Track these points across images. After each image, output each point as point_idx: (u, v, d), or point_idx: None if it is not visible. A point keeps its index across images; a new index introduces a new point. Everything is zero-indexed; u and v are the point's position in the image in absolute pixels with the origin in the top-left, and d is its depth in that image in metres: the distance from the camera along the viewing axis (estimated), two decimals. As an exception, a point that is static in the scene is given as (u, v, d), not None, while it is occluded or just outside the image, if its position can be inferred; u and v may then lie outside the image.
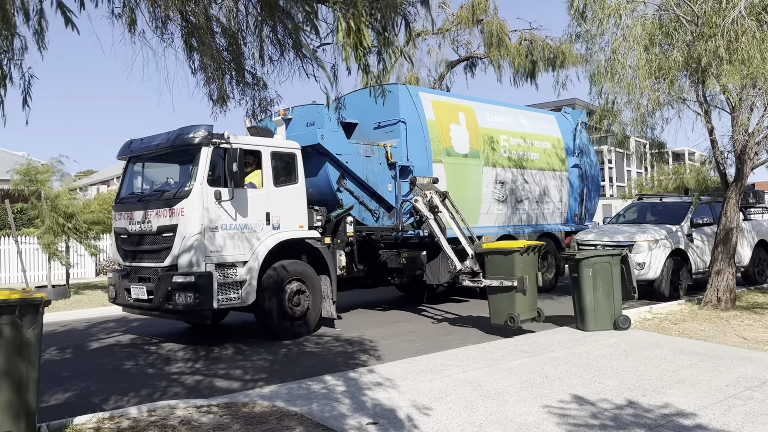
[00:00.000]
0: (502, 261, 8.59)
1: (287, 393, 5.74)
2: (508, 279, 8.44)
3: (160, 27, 5.24)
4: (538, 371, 6.41)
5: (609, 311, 8.60)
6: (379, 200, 10.82)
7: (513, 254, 8.47)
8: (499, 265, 8.62)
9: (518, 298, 8.42)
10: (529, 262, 8.62)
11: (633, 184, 30.68)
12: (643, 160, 24.35)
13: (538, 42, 19.24)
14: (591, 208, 15.12)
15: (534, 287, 8.66)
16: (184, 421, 4.96)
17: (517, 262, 8.44)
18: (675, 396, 5.49)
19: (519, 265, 8.44)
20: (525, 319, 8.56)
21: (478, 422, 4.87)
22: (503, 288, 8.51)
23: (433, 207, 10.10)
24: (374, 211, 10.75)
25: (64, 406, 5.86)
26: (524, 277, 8.39)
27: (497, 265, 8.66)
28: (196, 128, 8.37)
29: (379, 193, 10.73)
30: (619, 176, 75.69)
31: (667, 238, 11.89)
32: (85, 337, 9.66)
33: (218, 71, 5.59)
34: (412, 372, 6.46)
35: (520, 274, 8.40)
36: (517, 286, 8.37)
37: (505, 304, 8.50)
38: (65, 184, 14.35)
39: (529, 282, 8.44)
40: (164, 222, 8.31)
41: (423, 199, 10.15)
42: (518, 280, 8.36)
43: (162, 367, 7.50)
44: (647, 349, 7.39)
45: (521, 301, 8.45)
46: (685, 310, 10.21)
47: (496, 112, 13.16)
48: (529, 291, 8.49)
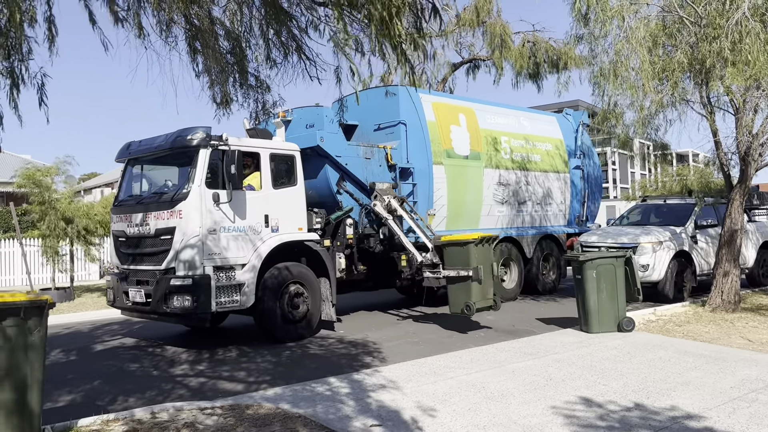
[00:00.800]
0: (458, 252, 9.17)
1: (291, 395, 5.74)
2: (464, 269, 8.96)
3: (165, 30, 5.26)
4: (542, 373, 6.40)
5: (613, 313, 8.59)
6: None
7: (468, 246, 9.05)
8: (456, 256, 9.20)
9: (474, 288, 8.95)
10: (484, 253, 9.20)
11: (637, 186, 30.63)
12: (646, 161, 24.31)
13: (541, 44, 19.23)
14: (593, 209, 15.09)
15: (489, 277, 9.19)
16: (188, 423, 4.97)
17: (472, 253, 9.00)
18: (679, 398, 5.48)
19: (474, 255, 8.99)
20: (481, 307, 9.13)
21: (482, 424, 4.86)
22: (460, 278, 9.02)
23: (392, 210, 10.26)
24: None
25: (68, 408, 5.87)
26: (479, 267, 8.87)
27: (454, 256, 9.24)
28: (194, 130, 8.35)
29: None
30: (623, 178, 75.56)
31: (671, 240, 11.87)
32: (90, 339, 9.68)
33: (222, 74, 5.61)
34: (416, 374, 6.46)
35: (474, 264, 8.92)
36: (473, 275, 8.87)
37: (461, 294, 9.05)
38: (69, 187, 14.39)
39: (483, 272, 8.92)
40: (162, 224, 8.28)
41: (381, 203, 10.29)
42: (473, 270, 8.85)
43: (166, 369, 7.51)
44: (651, 351, 7.37)
45: (477, 290, 8.99)
46: (690, 312, 10.18)
47: (496, 114, 13.15)
48: (484, 281, 9.02)
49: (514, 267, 12.78)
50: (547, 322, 9.83)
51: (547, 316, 10.52)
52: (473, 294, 8.95)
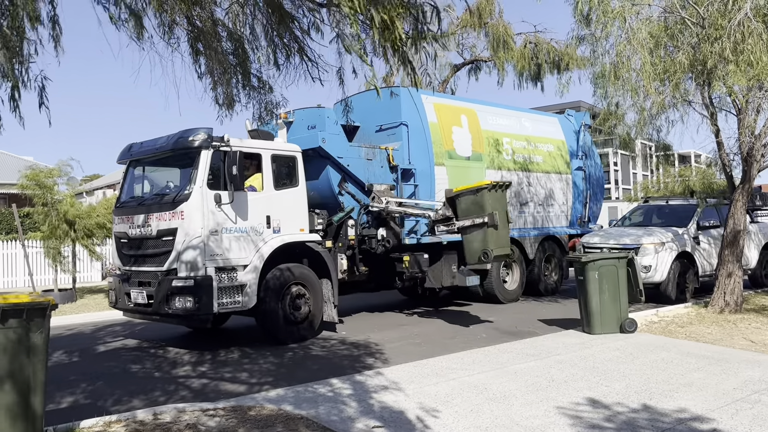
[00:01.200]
0: (472, 200, 8.94)
1: (294, 396, 5.74)
2: (480, 216, 8.77)
3: (167, 32, 5.27)
4: (544, 374, 6.39)
5: (615, 314, 8.58)
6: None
7: (482, 191, 8.82)
8: (470, 204, 8.96)
9: (490, 234, 8.69)
10: (498, 198, 8.91)
11: (639, 187, 30.61)
12: (648, 162, 24.29)
13: (542, 45, 19.24)
14: (595, 210, 15.07)
15: (505, 225, 8.93)
16: (190, 425, 4.97)
17: (486, 199, 8.76)
18: (682, 399, 5.47)
19: (488, 201, 8.75)
20: (499, 254, 8.85)
21: (484, 426, 4.86)
22: (475, 225, 8.82)
23: (390, 212, 10.28)
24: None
25: (71, 410, 5.88)
26: (494, 212, 8.66)
27: (468, 204, 9.00)
28: (195, 131, 8.35)
29: None
30: (625, 179, 75.56)
31: (674, 241, 11.85)
32: (92, 340, 9.69)
33: (224, 75, 5.62)
34: (418, 375, 6.45)
35: (490, 210, 8.70)
36: (488, 221, 8.65)
37: (478, 242, 8.83)
38: (71, 189, 14.40)
39: (499, 217, 8.70)
40: (164, 226, 8.29)
41: (379, 205, 10.28)
42: (489, 216, 8.66)
43: (168, 370, 7.51)
44: (654, 353, 7.36)
45: (493, 237, 8.72)
46: (692, 313, 10.17)
47: (498, 115, 13.14)
48: (501, 227, 8.76)
49: (516, 268, 12.76)
50: (549, 323, 9.83)
51: (549, 317, 10.51)
52: (490, 241, 8.71)
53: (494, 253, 8.69)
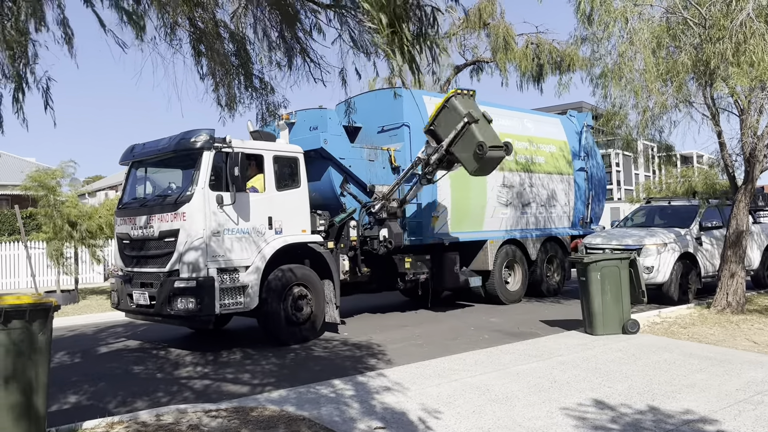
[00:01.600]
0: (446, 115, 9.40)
1: (296, 397, 5.74)
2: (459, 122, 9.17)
3: (169, 33, 5.27)
4: (546, 376, 6.39)
5: (618, 315, 8.57)
6: None
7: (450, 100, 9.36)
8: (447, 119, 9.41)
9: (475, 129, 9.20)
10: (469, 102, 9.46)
11: (641, 188, 30.58)
12: (650, 163, 24.25)
13: (544, 45, 19.23)
14: (597, 211, 15.05)
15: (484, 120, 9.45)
16: (192, 426, 4.98)
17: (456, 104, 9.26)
18: (685, 401, 5.46)
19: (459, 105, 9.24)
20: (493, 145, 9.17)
21: (486, 427, 4.85)
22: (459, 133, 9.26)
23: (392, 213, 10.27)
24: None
25: (73, 410, 5.88)
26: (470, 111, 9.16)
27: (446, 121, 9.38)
28: (198, 132, 8.35)
29: None
30: (627, 179, 75.51)
31: (676, 242, 11.84)
32: (94, 341, 9.70)
33: (226, 76, 5.62)
34: (421, 376, 6.45)
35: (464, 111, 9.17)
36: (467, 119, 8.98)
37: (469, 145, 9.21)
38: (74, 190, 14.43)
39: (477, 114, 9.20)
40: (166, 227, 8.30)
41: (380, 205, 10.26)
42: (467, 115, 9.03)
43: (171, 371, 7.52)
44: (656, 354, 7.35)
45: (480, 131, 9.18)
46: (695, 313, 10.15)
47: (500, 116, 13.05)
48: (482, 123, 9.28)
49: (518, 269, 12.75)
50: (552, 324, 9.82)
51: (552, 318, 10.50)
52: (477, 135, 9.01)
53: (488, 143, 8.90)
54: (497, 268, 12.10)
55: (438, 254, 11.25)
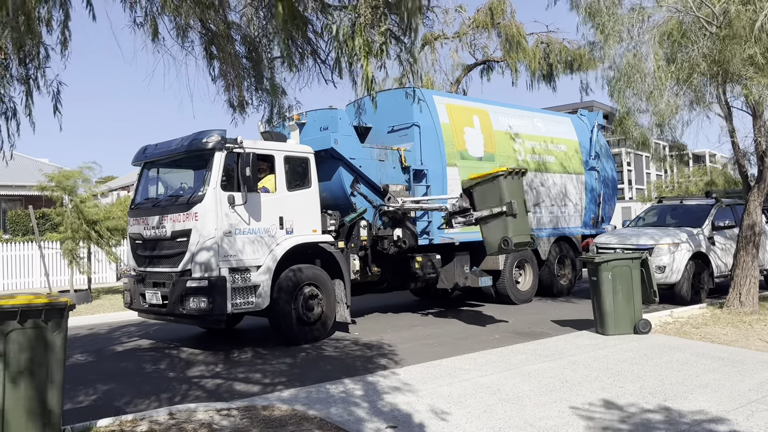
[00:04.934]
0: (489, 189, 8.79)
1: (306, 396, 5.77)
2: (497, 206, 8.65)
3: (181, 35, 5.32)
4: (557, 375, 6.38)
5: (629, 315, 8.53)
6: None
7: (497, 179, 8.67)
8: (487, 193, 8.81)
9: (509, 222, 8.57)
10: (515, 185, 8.80)
11: (652, 187, 30.38)
12: (663, 162, 24.09)
13: (555, 45, 19.16)
14: (608, 211, 14.97)
15: (524, 212, 8.82)
16: (204, 424, 5.02)
17: (503, 186, 8.63)
18: (697, 401, 5.43)
19: (505, 189, 8.63)
20: (519, 242, 8.66)
21: (497, 427, 4.86)
22: (494, 215, 8.70)
23: (406, 213, 10.28)
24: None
25: (88, 409, 5.95)
26: (512, 201, 8.57)
27: (485, 194, 8.85)
28: (209, 133, 8.41)
29: None
30: (638, 179, 75.05)
31: (688, 241, 11.76)
32: (108, 340, 9.79)
33: (237, 78, 5.66)
34: (431, 376, 6.46)
35: (507, 198, 8.58)
36: (506, 210, 8.54)
37: (497, 231, 8.68)
38: (89, 190, 14.57)
39: (517, 206, 8.59)
40: (178, 227, 8.36)
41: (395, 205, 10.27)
42: (507, 205, 8.55)
43: (183, 370, 7.58)
44: (668, 354, 7.31)
45: (513, 225, 8.59)
46: (707, 313, 10.09)
47: (510, 115, 13.09)
48: (519, 215, 8.65)
49: (529, 269, 12.72)
50: (563, 324, 9.79)
51: (563, 318, 10.47)
52: (510, 229, 8.55)
53: (514, 240, 8.56)
54: (508, 268, 12.07)
55: (448, 254, 11.26)
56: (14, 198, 24.68)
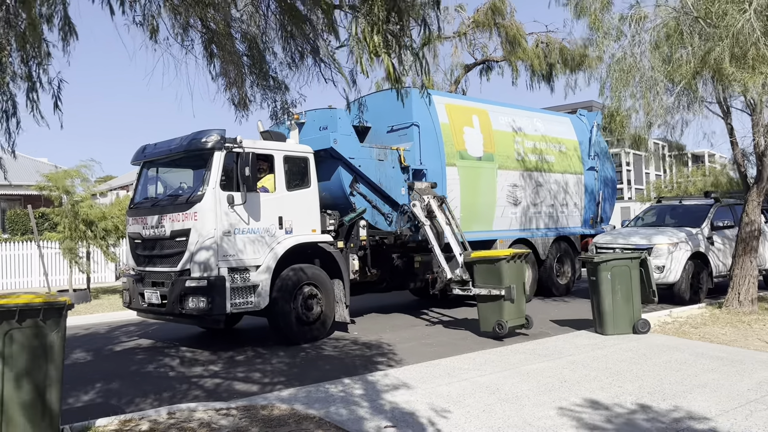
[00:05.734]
0: (490, 270, 8.85)
1: (306, 396, 5.77)
2: (496, 288, 8.67)
3: (181, 34, 5.32)
4: (556, 375, 6.38)
5: (628, 315, 8.54)
6: (392, 204, 10.78)
7: (500, 263, 8.71)
8: (487, 273, 8.87)
9: (506, 306, 8.62)
10: (516, 270, 8.84)
11: (651, 187, 30.39)
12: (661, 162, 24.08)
13: (554, 45, 19.18)
14: (607, 210, 14.99)
15: (521, 295, 8.90)
16: (203, 424, 5.02)
17: (504, 270, 8.66)
18: (696, 401, 5.44)
19: (506, 273, 8.66)
20: (513, 326, 8.73)
21: (496, 426, 4.86)
22: (491, 297, 8.73)
23: (431, 212, 10.17)
24: (387, 215, 10.72)
25: (86, 408, 5.95)
26: (511, 286, 8.60)
27: (485, 273, 8.92)
28: (208, 133, 8.39)
29: (392, 197, 10.68)
30: (638, 179, 75.08)
31: (687, 241, 11.77)
32: (107, 340, 9.78)
33: (238, 76, 5.66)
34: (430, 375, 6.46)
35: (507, 282, 8.61)
36: (505, 294, 8.57)
37: (493, 312, 8.73)
38: (87, 190, 14.54)
39: (516, 290, 8.64)
40: (177, 226, 8.35)
41: (421, 204, 10.22)
42: (506, 289, 8.57)
43: (182, 370, 7.57)
44: (667, 353, 7.32)
45: (509, 309, 8.64)
46: (706, 313, 10.10)
47: (510, 115, 13.09)
48: (517, 299, 8.68)
49: (528, 268, 12.66)
50: (562, 324, 9.80)
51: (562, 317, 10.48)
52: (505, 312, 8.62)
53: (509, 324, 8.62)
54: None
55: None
56: (13, 197, 24.65)
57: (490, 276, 8.82)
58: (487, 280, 8.86)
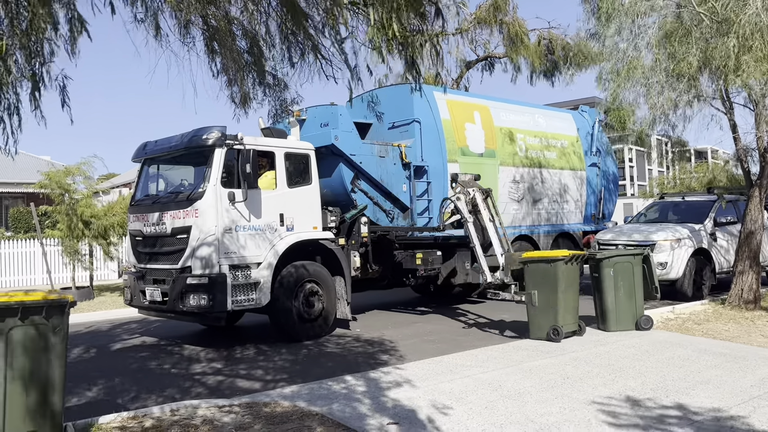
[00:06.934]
0: (544, 271, 8.06)
1: (308, 393, 5.78)
2: (552, 292, 7.98)
3: (182, 31, 5.31)
4: (558, 372, 6.38)
5: (631, 311, 8.53)
6: (393, 201, 10.76)
7: (556, 263, 7.97)
8: (541, 275, 8.09)
9: (561, 309, 7.96)
10: (573, 272, 8.24)
11: (654, 183, 30.29)
12: (664, 158, 24.02)
13: (557, 41, 19.12)
14: (609, 207, 14.94)
15: (576, 298, 8.33)
16: (206, 421, 5.02)
17: (560, 272, 7.98)
18: (699, 397, 5.43)
19: (562, 275, 8.00)
20: (568, 332, 8.12)
21: (498, 423, 4.86)
22: (541, 301, 8.07)
23: (475, 206, 9.80)
24: (389, 212, 10.70)
25: (89, 406, 5.96)
26: (568, 289, 8.05)
27: (539, 275, 8.13)
28: (209, 129, 8.37)
29: (394, 193, 10.66)
30: (640, 175, 74.93)
31: (690, 238, 11.75)
32: (109, 337, 9.80)
33: (239, 73, 5.66)
34: (433, 372, 6.46)
35: (564, 284, 7.99)
36: (560, 297, 7.94)
37: (547, 316, 8.01)
38: (89, 188, 14.55)
39: (572, 293, 8.14)
40: (178, 224, 8.34)
41: (465, 197, 9.88)
42: (562, 293, 7.97)
43: (185, 367, 7.58)
44: (670, 350, 7.31)
45: (564, 314, 8.01)
46: (709, 310, 10.08)
47: (511, 111, 13.08)
48: (573, 304, 8.18)
49: None
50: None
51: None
52: (560, 317, 7.92)
53: (565, 329, 7.99)
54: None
55: (449, 250, 11.24)
56: (16, 195, 24.69)
57: (544, 278, 8.04)
58: (541, 283, 8.08)
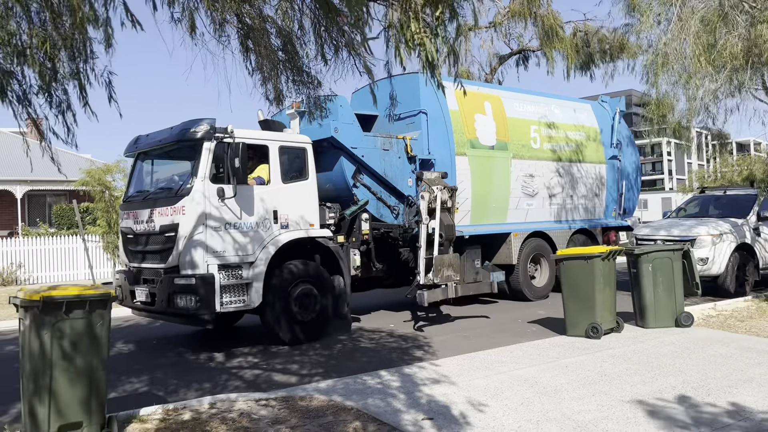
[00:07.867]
0: (581, 267, 7.85)
1: (343, 387, 5.81)
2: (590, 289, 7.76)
3: (218, 30, 5.38)
4: (596, 369, 6.29)
5: (670, 308, 8.36)
6: (398, 196, 10.19)
7: (593, 260, 7.73)
8: (577, 271, 7.90)
9: (598, 305, 7.76)
10: (609, 268, 8.02)
11: (694, 177, 29.58)
12: (704, 152, 23.44)
13: (592, 33, 18.85)
14: (631, 202, 14.21)
15: (614, 294, 8.16)
16: (243, 414, 5.10)
17: (597, 268, 7.75)
18: (742, 395, 5.30)
19: (599, 272, 7.77)
20: (606, 329, 7.91)
21: (534, 419, 4.82)
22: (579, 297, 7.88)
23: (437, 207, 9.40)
24: (393, 208, 10.14)
25: (131, 398, 6.11)
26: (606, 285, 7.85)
27: (575, 271, 7.93)
28: (198, 122, 7.96)
29: (398, 188, 10.09)
30: (679, 169, 73.36)
31: (732, 232, 11.45)
32: (149, 331, 10.01)
33: (273, 71, 5.70)
34: (467, 368, 6.44)
35: (602, 281, 7.79)
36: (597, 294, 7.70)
37: (584, 313, 7.82)
38: (127, 185, 14.89)
39: (609, 290, 7.96)
40: (166, 221, 7.93)
41: (429, 195, 9.44)
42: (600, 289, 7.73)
43: (222, 361, 7.70)
44: (711, 347, 7.14)
45: (602, 310, 7.82)
46: (752, 306, 9.82)
47: (525, 101, 12.37)
48: (611, 300, 8.03)
49: (545, 263, 12.08)
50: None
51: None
52: (598, 314, 7.72)
53: (604, 327, 7.82)
54: (522, 263, 11.53)
55: (459, 248, 10.36)
56: (59, 192, 25.35)
57: (581, 275, 7.84)
58: (577, 281, 7.87)
